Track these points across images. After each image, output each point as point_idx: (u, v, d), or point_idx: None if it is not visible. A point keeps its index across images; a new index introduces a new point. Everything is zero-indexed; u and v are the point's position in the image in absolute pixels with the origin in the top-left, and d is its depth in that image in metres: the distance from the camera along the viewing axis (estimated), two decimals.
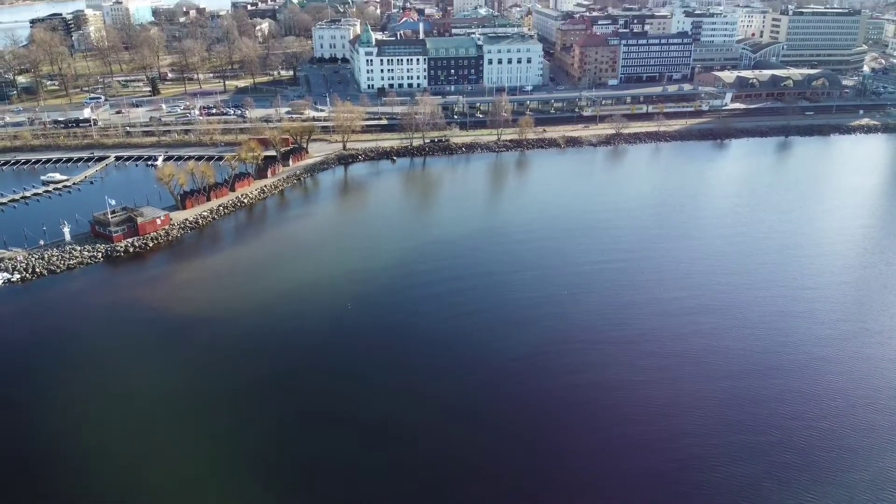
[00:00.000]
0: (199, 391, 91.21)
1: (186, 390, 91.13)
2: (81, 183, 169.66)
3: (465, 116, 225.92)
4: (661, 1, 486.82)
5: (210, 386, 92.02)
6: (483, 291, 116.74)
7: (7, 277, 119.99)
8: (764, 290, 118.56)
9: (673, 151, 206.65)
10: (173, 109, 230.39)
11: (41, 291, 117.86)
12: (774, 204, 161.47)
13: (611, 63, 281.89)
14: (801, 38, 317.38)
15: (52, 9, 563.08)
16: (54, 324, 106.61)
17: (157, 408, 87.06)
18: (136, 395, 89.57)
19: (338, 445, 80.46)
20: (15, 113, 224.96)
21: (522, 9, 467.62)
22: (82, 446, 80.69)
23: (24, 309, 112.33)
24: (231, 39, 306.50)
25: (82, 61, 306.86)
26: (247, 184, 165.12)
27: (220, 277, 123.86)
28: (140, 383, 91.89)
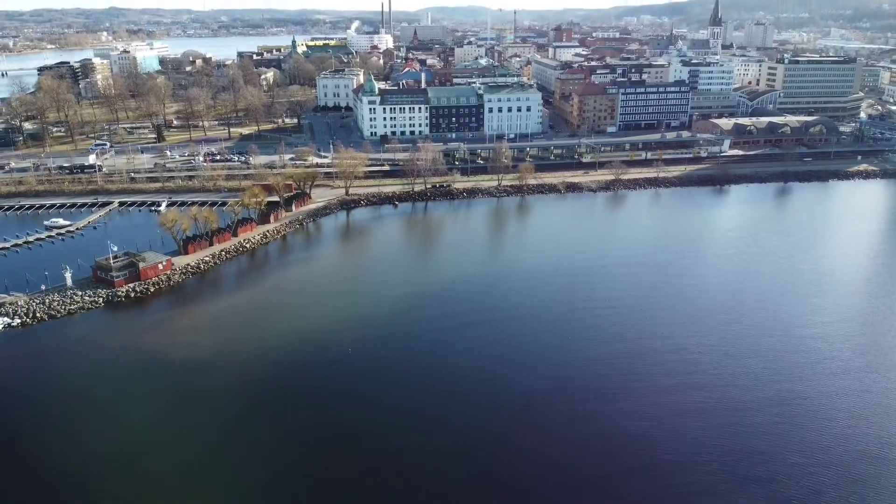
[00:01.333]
0: (199, 436, 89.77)
1: (186, 435, 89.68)
2: (84, 228, 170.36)
3: (466, 162, 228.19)
4: (659, 51, 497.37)
5: (210, 431, 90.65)
6: (484, 338, 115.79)
7: (7, 322, 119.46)
8: (768, 332, 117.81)
9: (673, 197, 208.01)
10: (175, 157, 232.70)
11: (41, 336, 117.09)
12: (776, 249, 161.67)
13: (609, 111, 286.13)
14: (798, 86, 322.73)
15: (60, 57, 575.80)
16: (53, 369, 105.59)
17: (156, 453, 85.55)
18: (135, 440, 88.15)
19: (336, 492, 78.78)
20: (20, 159, 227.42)
21: (522, 59, 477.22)
22: (80, 490, 78.97)
23: (23, 353, 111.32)
24: (236, 88, 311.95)
25: (89, 108, 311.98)
26: (249, 229, 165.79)
27: (220, 322, 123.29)
28: (139, 429, 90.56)
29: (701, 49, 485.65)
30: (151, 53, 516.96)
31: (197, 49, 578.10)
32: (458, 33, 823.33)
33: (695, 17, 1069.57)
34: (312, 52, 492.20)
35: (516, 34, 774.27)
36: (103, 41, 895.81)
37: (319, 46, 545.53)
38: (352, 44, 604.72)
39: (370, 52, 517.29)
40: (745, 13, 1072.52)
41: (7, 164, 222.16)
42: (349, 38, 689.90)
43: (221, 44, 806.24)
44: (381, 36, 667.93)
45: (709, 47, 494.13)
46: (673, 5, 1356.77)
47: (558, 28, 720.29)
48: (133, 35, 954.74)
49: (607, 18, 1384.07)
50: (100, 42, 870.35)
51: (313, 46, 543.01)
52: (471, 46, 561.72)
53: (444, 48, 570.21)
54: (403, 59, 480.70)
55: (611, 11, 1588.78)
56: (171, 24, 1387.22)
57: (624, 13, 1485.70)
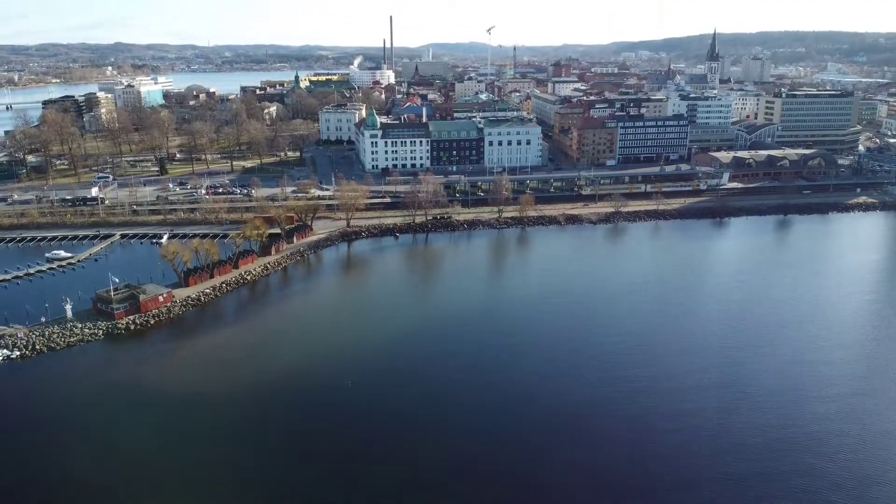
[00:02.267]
0: (198, 470, 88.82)
1: (185, 469, 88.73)
2: (86, 260, 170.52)
3: (466, 195, 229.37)
4: (657, 86, 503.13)
5: (209, 464, 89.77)
6: (485, 369, 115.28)
7: (7, 354, 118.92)
8: (770, 365, 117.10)
9: (673, 229, 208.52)
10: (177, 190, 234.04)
11: (40, 368, 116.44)
12: (777, 280, 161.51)
13: (608, 144, 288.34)
14: (796, 120, 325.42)
15: (65, 91, 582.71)
16: (51, 401, 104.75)
17: (155, 486, 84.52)
18: (134, 473, 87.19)
19: None
20: (23, 191, 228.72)
21: (521, 94, 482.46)
22: None
23: (22, 386, 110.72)
24: (239, 122, 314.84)
25: (92, 142, 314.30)
26: (250, 261, 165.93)
27: (220, 355, 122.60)
28: (138, 461, 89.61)
29: (699, 83, 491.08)
30: (156, 88, 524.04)
31: (201, 84, 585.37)
32: (459, 69, 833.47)
33: (692, 52, 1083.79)
34: (315, 87, 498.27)
35: (516, 69, 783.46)
36: (108, 75, 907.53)
37: (322, 81, 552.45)
38: (354, 79, 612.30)
39: (372, 87, 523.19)
40: (741, 48, 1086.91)
41: (10, 196, 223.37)
42: (352, 73, 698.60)
43: (225, 79, 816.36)
44: (383, 71, 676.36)
45: (706, 82, 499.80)
46: (670, 41, 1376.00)
47: (557, 63, 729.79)
48: (138, 70, 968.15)
49: (605, 54, 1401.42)
50: (105, 76, 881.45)
51: (316, 81, 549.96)
52: (471, 82, 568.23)
53: (444, 83, 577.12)
54: (405, 93, 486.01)
55: (609, 47, 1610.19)
56: (175, 59, 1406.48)
57: (622, 49, 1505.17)
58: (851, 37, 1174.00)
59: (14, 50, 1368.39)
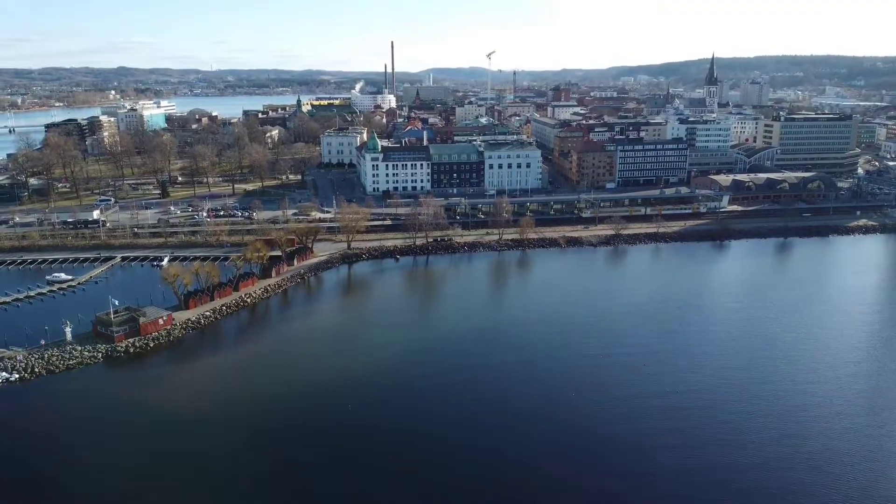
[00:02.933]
0: (196, 494, 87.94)
1: (184, 492, 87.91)
2: (86, 283, 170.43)
3: (467, 217, 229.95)
4: (656, 109, 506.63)
5: (208, 489, 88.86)
6: (486, 392, 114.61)
7: (6, 377, 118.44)
8: (773, 385, 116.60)
9: (673, 252, 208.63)
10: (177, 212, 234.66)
11: (38, 391, 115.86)
12: (779, 303, 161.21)
13: (608, 167, 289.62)
14: (795, 143, 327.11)
15: (68, 114, 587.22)
16: (49, 424, 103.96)
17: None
18: (132, 497, 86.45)
19: None
20: (25, 214, 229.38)
21: (521, 118, 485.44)
22: None
23: (20, 409, 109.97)
24: (241, 145, 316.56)
25: (95, 165, 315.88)
26: (251, 283, 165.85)
27: (218, 378, 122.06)
28: (136, 485, 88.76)
29: (697, 107, 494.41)
30: (158, 111, 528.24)
31: (203, 108, 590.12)
32: (459, 93, 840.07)
33: (691, 76, 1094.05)
34: (317, 111, 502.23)
35: (516, 94, 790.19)
36: (111, 99, 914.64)
37: (324, 106, 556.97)
38: (356, 103, 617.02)
39: (373, 112, 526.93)
40: (739, 73, 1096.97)
41: (11, 218, 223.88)
42: (353, 97, 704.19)
43: (228, 103, 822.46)
44: (385, 96, 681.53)
45: (705, 105, 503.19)
46: (669, 65, 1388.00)
47: (557, 88, 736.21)
48: (141, 94, 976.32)
49: (605, 78, 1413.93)
50: (108, 100, 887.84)
51: (318, 106, 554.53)
52: (471, 106, 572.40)
53: (445, 107, 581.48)
54: (406, 117, 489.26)
55: (608, 72, 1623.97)
56: (178, 83, 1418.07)
57: (621, 73, 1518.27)
58: (849, 61, 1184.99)
59: (17, 73, 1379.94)
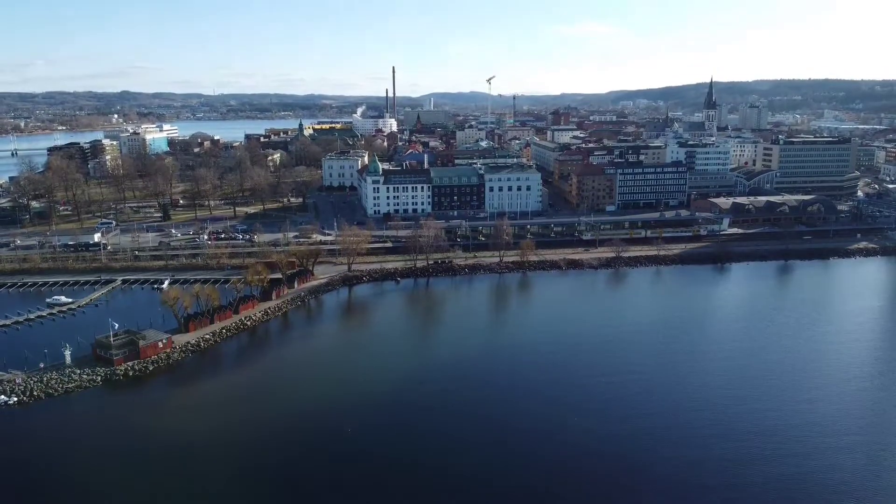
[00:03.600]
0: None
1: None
2: (86, 306, 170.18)
3: (467, 239, 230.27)
4: (655, 133, 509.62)
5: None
6: (486, 416, 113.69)
7: (4, 400, 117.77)
8: (776, 407, 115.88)
9: (674, 274, 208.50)
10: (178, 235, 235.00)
11: (37, 415, 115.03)
12: (780, 326, 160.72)
13: (608, 190, 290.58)
14: (794, 166, 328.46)
15: (70, 138, 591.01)
16: (47, 448, 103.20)
17: None
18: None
19: None
20: (26, 237, 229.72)
21: (521, 141, 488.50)
22: None
23: (18, 432, 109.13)
24: (243, 168, 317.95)
25: (96, 188, 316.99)
26: (251, 306, 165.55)
27: (217, 402, 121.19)
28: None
29: (696, 131, 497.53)
30: (161, 135, 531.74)
31: (206, 131, 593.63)
32: (460, 117, 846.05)
33: (689, 100, 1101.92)
34: (319, 135, 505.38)
35: (516, 118, 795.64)
36: (114, 123, 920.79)
37: (326, 130, 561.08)
38: (357, 127, 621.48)
39: (375, 136, 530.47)
40: (738, 97, 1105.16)
41: (13, 241, 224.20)
42: (355, 121, 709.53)
43: (230, 127, 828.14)
44: (386, 120, 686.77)
45: (704, 129, 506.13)
46: (668, 90, 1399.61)
47: (556, 112, 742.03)
48: (143, 118, 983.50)
49: (604, 103, 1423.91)
50: (110, 124, 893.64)
51: (320, 129, 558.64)
52: (472, 129, 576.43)
53: (445, 131, 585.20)
54: (407, 141, 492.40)
55: (607, 96, 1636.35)
56: (181, 107, 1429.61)
57: (620, 97, 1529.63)
58: (847, 84, 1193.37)
59: (21, 97, 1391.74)
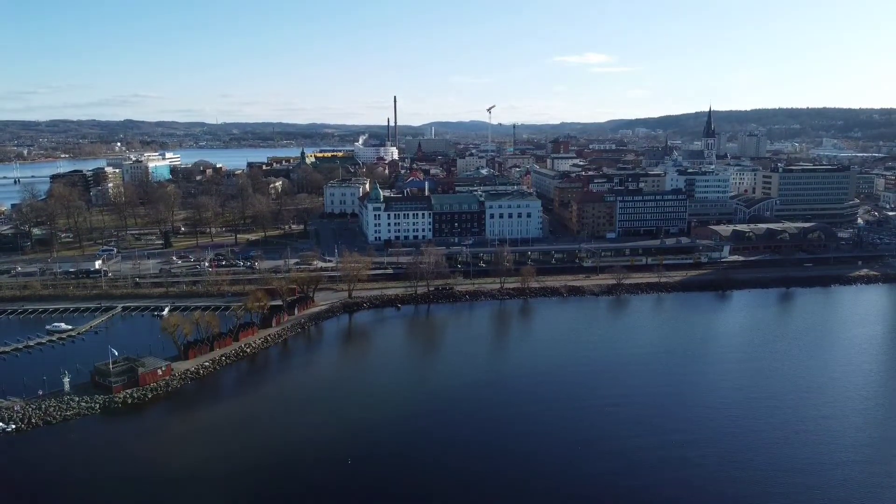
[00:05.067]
0: None
1: None
2: (86, 333, 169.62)
3: (468, 265, 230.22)
4: (654, 161, 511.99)
5: None
6: (489, 445, 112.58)
7: (3, 427, 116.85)
8: (779, 435, 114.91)
9: (675, 301, 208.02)
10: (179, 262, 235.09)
11: (35, 442, 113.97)
12: (783, 353, 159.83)
13: (608, 217, 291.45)
14: (794, 194, 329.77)
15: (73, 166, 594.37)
16: (43, 476, 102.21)
17: None
18: None
19: None
20: (27, 263, 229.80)
21: (521, 169, 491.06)
22: None
23: (15, 460, 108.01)
24: (245, 196, 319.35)
25: (99, 215, 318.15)
26: (251, 333, 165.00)
27: (215, 430, 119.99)
28: None
29: (696, 159, 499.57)
30: (163, 163, 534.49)
31: (208, 159, 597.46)
32: (460, 145, 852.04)
33: (688, 129, 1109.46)
34: (321, 163, 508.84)
35: (516, 146, 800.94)
36: (117, 151, 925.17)
37: (328, 158, 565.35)
38: (359, 155, 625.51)
39: (376, 163, 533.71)
40: (737, 125, 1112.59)
41: (14, 268, 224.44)
42: (356, 150, 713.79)
43: (233, 155, 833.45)
44: (387, 148, 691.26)
45: (703, 157, 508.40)
46: (667, 118, 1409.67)
47: (556, 140, 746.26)
48: (146, 146, 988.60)
49: (603, 131, 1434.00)
50: (113, 152, 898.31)
51: (322, 158, 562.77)
52: (472, 157, 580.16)
53: (446, 159, 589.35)
54: (408, 168, 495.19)
55: (606, 125, 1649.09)
56: (184, 135, 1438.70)
57: (619, 126, 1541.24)
58: (845, 113, 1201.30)
59: (24, 125, 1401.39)
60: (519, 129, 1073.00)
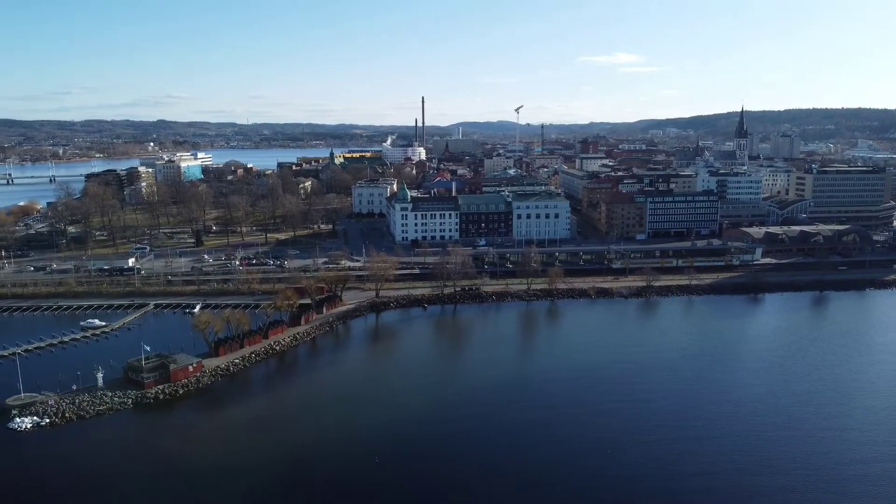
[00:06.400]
0: None
1: None
2: (119, 329, 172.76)
3: (495, 266, 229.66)
4: (685, 162, 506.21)
5: None
6: (516, 447, 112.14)
7: (37, 421, 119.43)
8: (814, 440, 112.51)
9: (707, 304, 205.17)
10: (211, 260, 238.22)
11: (67, 437, 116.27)
12: (816, 357, 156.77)
13: (637, 218, 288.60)
14: (828, 195, 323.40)
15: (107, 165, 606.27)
16: (76, 470, 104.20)
17: None
18: None
19: None
20: (62, 261, 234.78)
21: (549, 169, 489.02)
22: None
23: (48, 454, 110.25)
24: (275, 196, 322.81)
25: (132, 214, 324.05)
26: (280, 331, 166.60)
27: (245, 427, 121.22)
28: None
29: (727, 160, 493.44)
30: (195, 163, 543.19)
31: (239, 160, 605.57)
32: (488, 146, 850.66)
33: (720, 129, 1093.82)
34: (349, 163, 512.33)
35: (544, 146, 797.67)
36: (150, 151, 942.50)
37: (356, 158, 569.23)
38: (387, 156, 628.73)
39: (404, 164, 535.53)
40: (770, 126, 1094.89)
41: (49, 265, 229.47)
42: (384, 150, 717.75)
43: (263, 155, 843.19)
44: (415, 149, 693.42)
45: (735, 158, 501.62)
46: (698, 119, 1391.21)
47: (585, 141, 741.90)
48: (179, 146, 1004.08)
49: (633, 131, 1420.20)
50: (146, 152, 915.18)
51: (350, 158, 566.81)
52: (500, 158, 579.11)
53: (474, 159, 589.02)
54: (435, 169, 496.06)
55: (636, 125, 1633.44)
56: (215, 136, 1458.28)
57: (649, 126, 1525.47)
58: (881, 114, 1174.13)
59: (60, 125, 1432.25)
60: (547, 129, 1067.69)
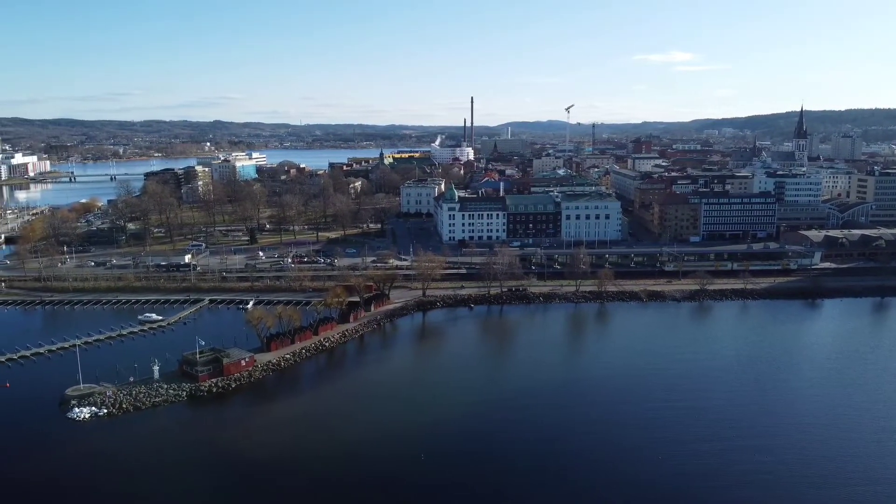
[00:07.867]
0: None
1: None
2: (175, 323, 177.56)
3: (542, 267, 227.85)
4: (742, 163, 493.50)
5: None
6: (564, 448, 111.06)
7: (95, 411, 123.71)
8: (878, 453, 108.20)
9: (762, 309, 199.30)
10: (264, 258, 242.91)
11: (124, 427, 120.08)
12: (876, 364, 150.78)
13: (692, 220, 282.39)
14: (891, 198, 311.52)
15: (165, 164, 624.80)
16: (130, 459, 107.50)
17: None
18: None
19: None
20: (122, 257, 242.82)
21: (600, 169, 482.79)
22: None
23: (105, 443, 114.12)
24: (327, 195, 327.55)
25: (189, 212, 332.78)
26: (330, 328, 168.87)
27: (294, 421, 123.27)
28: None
29: (786, 161, 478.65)
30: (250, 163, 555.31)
31: (292, 160, 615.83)
32: (537, 146, 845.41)
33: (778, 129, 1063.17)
34: (398, 163, 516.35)
35: (595, 146, 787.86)
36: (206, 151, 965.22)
37: (405, 158, 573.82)
38: (435, 156, 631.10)
39: (452, 164, 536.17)
40: (830, 126, 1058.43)
41: (109, 261, 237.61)
42: (433, 150, 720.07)
43: (315, 155, 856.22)
44: (463, 149, 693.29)
45: (794, 159, 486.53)
46: (755, 118, 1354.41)
47: (637, 140, 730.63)
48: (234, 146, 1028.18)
49: (687, 131, 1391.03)
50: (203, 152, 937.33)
51: (399, 158, 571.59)
52: (549, 157, 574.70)
53: (522, 159, 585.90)
54: (483, 169, 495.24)
55: (691, 124, 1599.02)
56: (269, 136, 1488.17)
57: (704, 126, 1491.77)
58: None
59: (121, 125, 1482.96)
60: (598, 129, 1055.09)
